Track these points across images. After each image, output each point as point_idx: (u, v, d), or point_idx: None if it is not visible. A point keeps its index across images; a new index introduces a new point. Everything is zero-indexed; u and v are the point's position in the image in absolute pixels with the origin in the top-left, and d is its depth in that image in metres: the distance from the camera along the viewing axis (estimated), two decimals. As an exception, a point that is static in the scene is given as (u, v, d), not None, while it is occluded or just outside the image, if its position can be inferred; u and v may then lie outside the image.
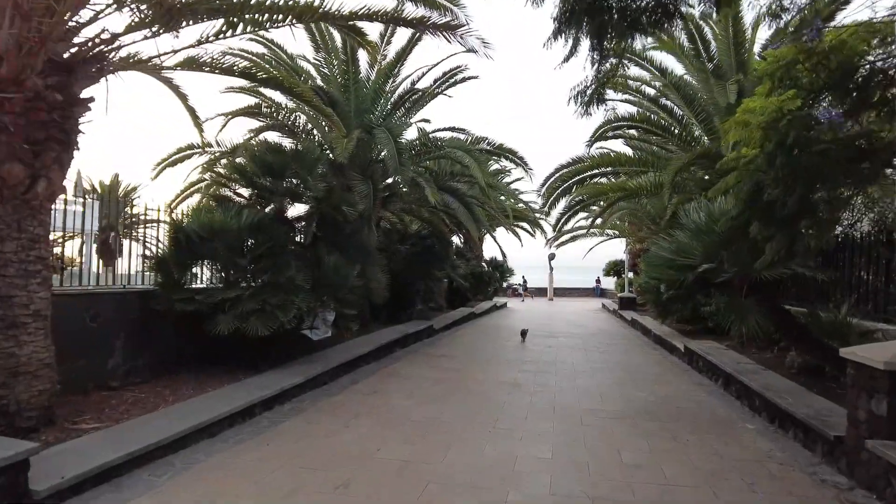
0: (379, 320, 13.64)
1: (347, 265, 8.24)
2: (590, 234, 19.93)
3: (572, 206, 12.46)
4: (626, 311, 21.64)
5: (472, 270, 22.26)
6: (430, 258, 14.20)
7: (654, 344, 13.38)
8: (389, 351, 10.87)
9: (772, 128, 4.01)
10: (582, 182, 10.50)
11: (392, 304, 14.55)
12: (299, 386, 7.25)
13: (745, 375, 7.40)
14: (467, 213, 10.56)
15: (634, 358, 11.28)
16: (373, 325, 12.67)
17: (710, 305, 11.72)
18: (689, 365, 10.19)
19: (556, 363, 10.31)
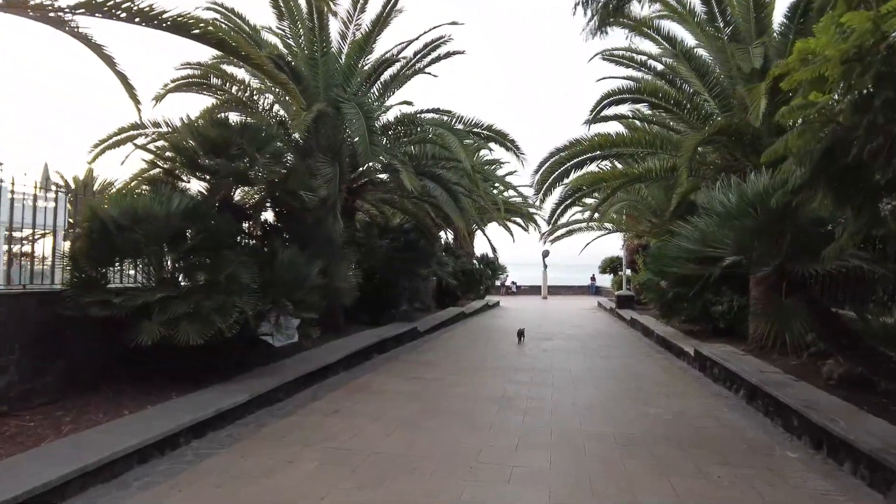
0: (357, 322, 12.42)
1: (308, 261, 6.99)
2: (588, 227, 18.82)
3: (568, 196, 11.28)
4: (625, 309, 20.52)
5: (463, 268, 21.06)
6: (414, 254, 12.98)
7: (658, 347, 12.23)
8: (365, 358, 9.65)
9: (862, 57, 2.82)
10: (580, 166, 9.32)
11: (373, 304, 13.35)
12: (245, 405, 6.02)
13: (776, 388, 6.24)
14: (452, 203, 9.36)
15: (639, 363, 10.11)
16: (349, 328, 11.44)
17: (721, 304, 10.61)
18: (701, 372, 9.04)
19: (552, 370, 9.13)
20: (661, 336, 12.43)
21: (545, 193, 9.92)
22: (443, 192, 9.54)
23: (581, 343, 12.90)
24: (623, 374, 9.03)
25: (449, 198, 9.43)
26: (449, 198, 9.43)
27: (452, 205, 9.37)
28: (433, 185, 9.64)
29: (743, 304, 10.29)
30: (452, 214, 9.38)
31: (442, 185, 9.61)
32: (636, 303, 21.28)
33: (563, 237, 19.68)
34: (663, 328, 13.39)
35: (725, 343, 10.33)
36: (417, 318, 15.07)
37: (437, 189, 9.57)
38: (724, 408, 6.76)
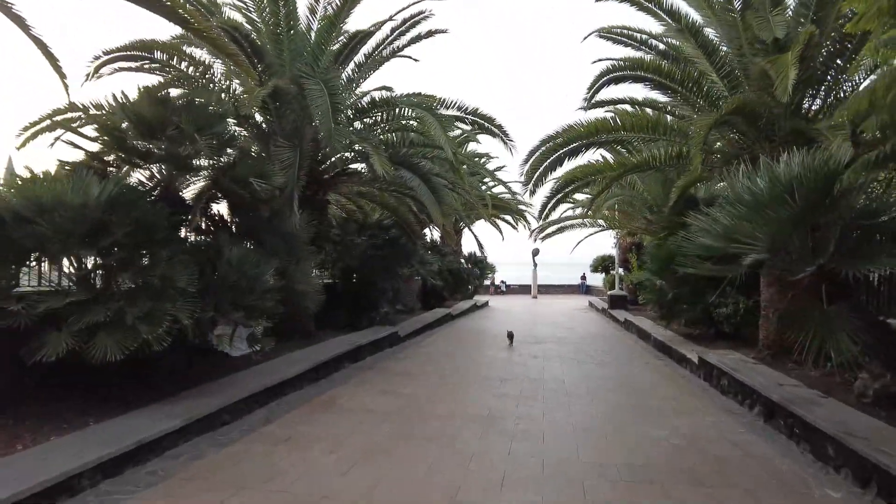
0: (333, 327, 11.44)
1: (261, 261, 6.01)
2: (581, 224, 17.97)
3: (561, 189, 10.38)
4: (617, 310, 19.73)
5: (450, 267, 20.13)
6: (395, 252, 12.02)
7: (656, 352, 11.39)
8: (335, 368, 8.68)
9: None
10: (575, 154, 8.40)
11: (351, 307, 12.39)
12: (178, 432, 5.04)
13: (802, 406, 5.38)
14: (430, 195, 8.41)
15: (638, 372, 9.25)
16: (322, 334, 10.46)
17: (726, 307, 9.78)
18: (707, 382, 8.19)
19: (543, 381, 8.23)
20: (659, 340, 11.60)
21: (536, 184, 8.99)
22: (420, 182, 8.58)
23: (574, 347, 12.03)
24: (622, 384, 8.16)
25: (427, 189, 8.47)
26: (427, 189, 8.47)
27: (431, 197, 8.42)
28: (410, 174, 8.67)
29: (750, 306, 9.47)
30: (431, 208, 8.43)
31: (420, 175, 8.64)
32: (629, 303, 20.52)
33: (554, 234, 18.84)
34: (661, 331, 12.57)
35: (731, 349, 9.49)
36: (400, 320, 14.11)
37: (415, 179, 8.60)
38: (741, 428, 5.89)
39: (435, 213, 8.32)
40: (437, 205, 8.37)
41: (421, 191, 8.46)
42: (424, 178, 8.60)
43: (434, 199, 8.42)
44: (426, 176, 8.73)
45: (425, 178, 8.65)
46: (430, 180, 8.72)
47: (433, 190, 8.51)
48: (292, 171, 6.98)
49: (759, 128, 6.82)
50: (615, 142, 8.12)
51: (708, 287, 10.71)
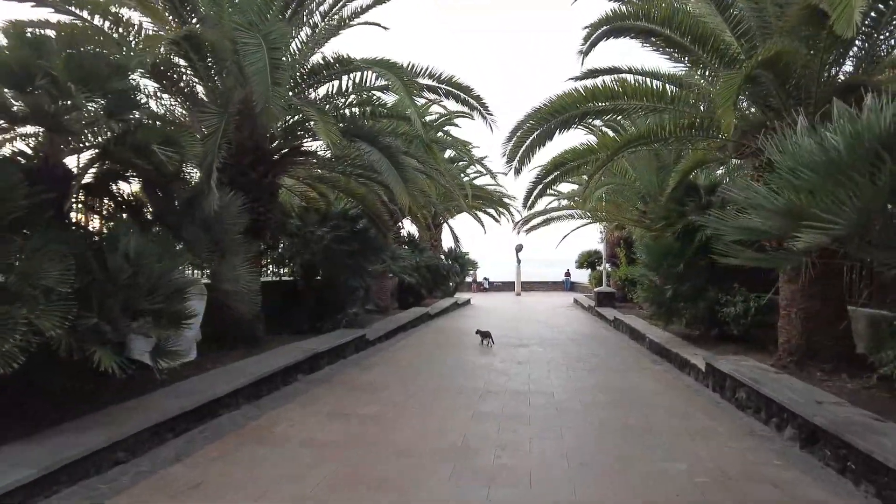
0: (292, 331, 10.10)
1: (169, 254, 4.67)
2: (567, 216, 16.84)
3: (549, 173, 9.17)
4: (605, 307, 18.69)
5: (427, 263, 18.85)
6: (363, 246, 10.71)
7: (653, 355, 10.27)
8: (284, 381, 7.36)
9: None
10: (567, 125, 7.15)
11: (314, 308, 11.05)
12: (35, 483, 3.70)
13: (860, 437, 4.23)
14: (393, 172, 7.07)
15: (637, 380, 8.09)
16: (276, 340, 9.11)
17: (735, 305, 8.66)
18: (717, 393, 7.07)
19: (529, 394, 7.03)
20: (655, 342, 10.49)
21: (521, 161, 7.71)
22: (382, 157, 7.25)
23: (562, 350, 10.86)
24: (621, 397, 6.98)
25: (390, 165, 7.16)
26: (390, 165, 7.16)
27: (395, 175, 7.11)
28: (369, 148, 7.34)
29: (762, 305, 8.37)
30: (395, 187, 7.13)
31: (381, 148, 7.31)
32: (618, 300, 19.50)
33: (540, 227, 17.69)
34: (656, 331, 11.47)
35: (739, 353, 8.41)
36: (371, 322, 12.81)
37: (375, 153, 7.27)
38: (775, 458, 4.74)
39: (400, 194, 7.01)
40: (402, 183, 7.07)
41: (382, 167, 7.14)
42: (387, 153, 7.27)
43: (398, 176, 7.11)
44: (389, 151, 7.41)
45: (388, 152, 7.32)
46: (395, 156, 7.40)
47: (398, 167, 7.20)
48: (214, 140, 5.62)
49: (788, 91, 5.70)
50: (614, 112, 6.92)
51: (710, 283, 9.63)
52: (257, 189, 7.95)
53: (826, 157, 3.04)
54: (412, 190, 7.36)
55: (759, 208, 3.57)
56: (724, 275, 9.65)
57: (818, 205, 3.01)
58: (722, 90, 4.62)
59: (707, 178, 10.58)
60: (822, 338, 6.41)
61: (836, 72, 6.03)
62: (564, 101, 6.85)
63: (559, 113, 6.92)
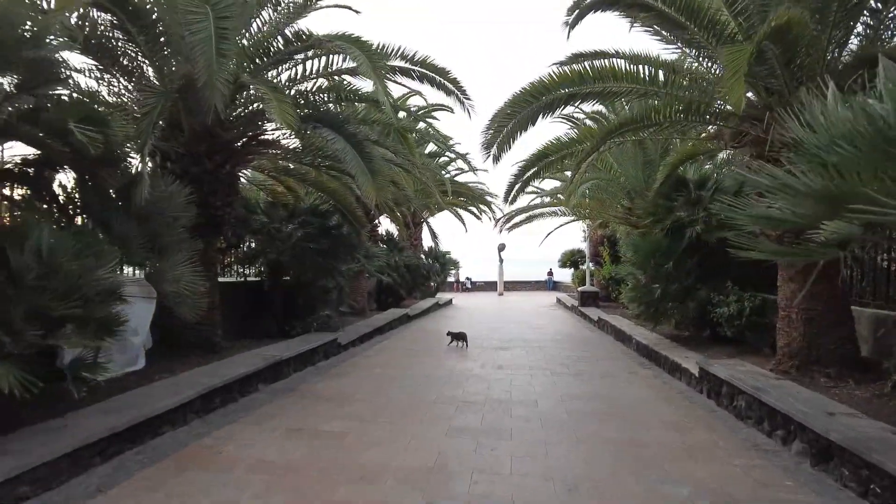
0: (259, 335, 9.40)
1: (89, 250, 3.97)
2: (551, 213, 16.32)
3: (532, 165, 8.58)
4: (589, 307, 18.26)
5: (407, 262, 18.20)
6: (335, 244, 10.01)
7: (641, 358, 9.79)
8: (242, 391, 6.68)
9: None
10: (551, 109, 6.55)
11: (284, 311, 10.35)
12: None
13: (887, 455, 3.72)
14: (359, 161, 6.36)
15: (625, 386, 7.57)
16: (240, 345, 8.40)
17: (728, 306, 8.19)
18: (712, 400, 6.58)
19: (511, 403, 6.44)
20: (642, 343, 10.01)
21: (500, 148, 7.04)
22: (346, 145, 6.56)
23: (545, 354, 10.32)
24: (610, 407, 6.43)
25: (355, 154, 6.46)
26: (355, 154, 6.46)
27: (360, 164, 6.43)
28: (333, 135, 6.64)
29: (757, 305, 7.91)
30: (360, 178, 6.46)
31: (346, 136, 6.61)
32: (601, 299, 19.09)
33: (522, 224, 17.15)
34: (642, 332, 11.01)
35: (733, 356, 7.95)
36: (345, 325, 12.16)
37: (339, 141, 6.56)
38: (786, 479, 4.22)
39: (366, 187, 6.33)
40: (369, 175, 6.40)
41: (347, 156, 6.46)
42: (353, 142, 6.58)
43: (365, 167, 6.44)
44: (355, 139, 6.71)
45: (354, 140, 6.63)
46: (362, 145, 6.71)
47: (364, 157, 6.50)
48: (148, 121, 4.89)
49: (793, 70, 5.21)
50: (602, 96, 6.33)
51: (701, 282, 9.18)
52: (213, 180, 7.23)
53: (873, 128, 2.49)
54: (380, 182, 6.67)
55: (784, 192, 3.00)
56: (715, 273, 9.22)
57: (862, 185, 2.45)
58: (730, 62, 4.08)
59: (696, 172, 10.13)
60: (825, 340, 5.95)
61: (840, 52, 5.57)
62: (548, 82, 6.24)
63: (542, 95, 6.29)
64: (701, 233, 8.95)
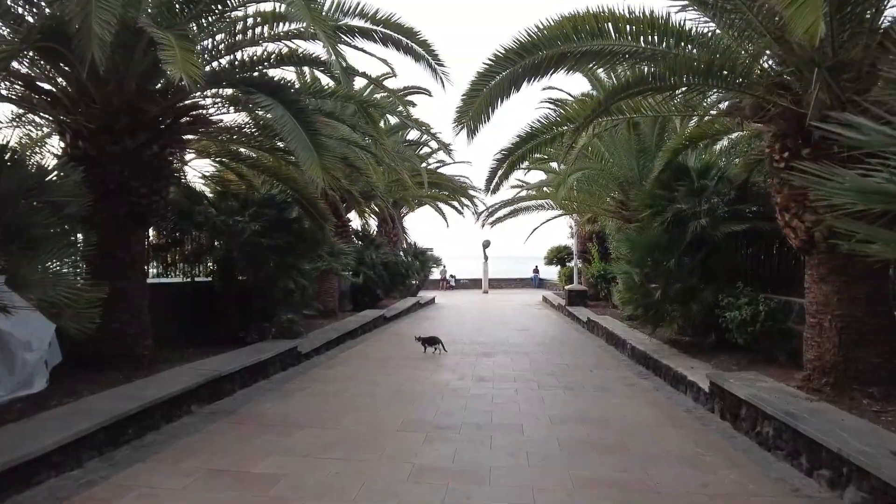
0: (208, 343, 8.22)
1: None
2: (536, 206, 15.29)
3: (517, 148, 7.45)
4: (577, 307, 17.31)
5: (384, 260, 17.05)
6: (293, 239, 8.85)
7: (637, 366, 8.80)
8: (169, 416, 5.52)
9: None
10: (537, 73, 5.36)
11: (237, 315, 9.16)
12: None
13: None
14: (301, 134, 5.10)
15: (625, 404, 6.54)
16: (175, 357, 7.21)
17: (740, 309, 7.20)
18: (729, 422, 5.60)
19: (491, 430, 5.37)
20: (638, 349, 9.03)
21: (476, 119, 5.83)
22: (284, 112, 5.36)
23: (532, 361, 9.28)
24: (608, 431, 5.38)
25: (296, 124, 5.27)
26: (296, 124, 5.27)
27: (302, 138, 5.24)
28: (268, 100, 5.45)
29: (774, 309, 6.94)
30: (302, 156, 5.26)
31: (285, 102, 5.41)
32: (590, 298, 18.16)
33: (507, 218, 16.11)
34: (637, 336, 10.04)
35: (744, 367, 7.00)
36: (312, 329, 10.99)
37: (277, 108, 5.34)
38: (849, 546, 3.19)
39: (308, 163, 5.11)
40: (313, 150, 5.21)
41: (286, 127, 5.26)
42: (293, 108, 5.39)
43: (308, 141, 5.25)
44: (297, 106, 5.51)
45: (295, 108, 5.43)
46: (306, 115, 5.51)
47: (308, 130, 5.32)
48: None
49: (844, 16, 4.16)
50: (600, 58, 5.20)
51: (705, 282, 8.20)
52: (137, 162, 6.03)
53: None
54: (328, 160, 5.46)
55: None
56: (722, 272, 8.26)
57: None
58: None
59: (698, 159, 9.15)
60: (866, 353, 4.98)
61: None
62: (536, 38, 5.08)
63: (528, 54, 5.16)
64: (706, 226, 7.97)
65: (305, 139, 5.27)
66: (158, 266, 8.34)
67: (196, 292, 9.07)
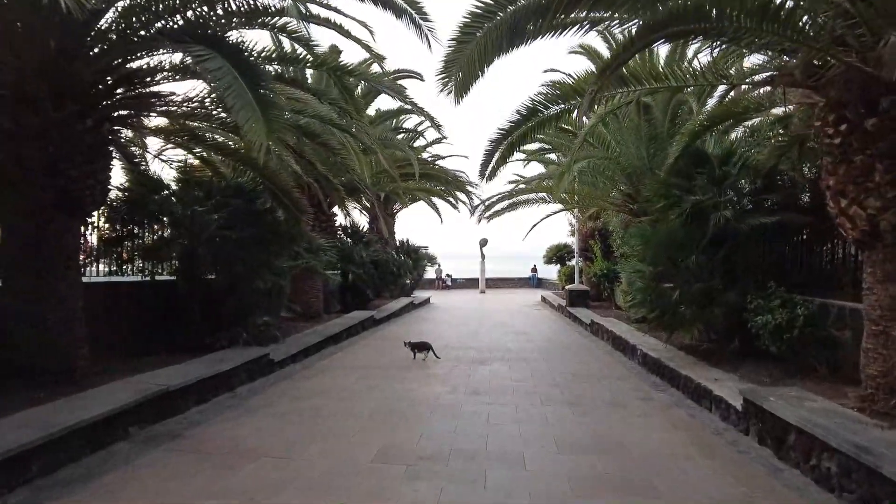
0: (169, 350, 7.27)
1: None
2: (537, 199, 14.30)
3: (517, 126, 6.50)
4: (578, 307, 16.39)
5: (374, 258, 16.07)
6: (265, 233, 7.88)
7: (650, 375, 7.86)
8: (97, 443, 4.56)
9: None
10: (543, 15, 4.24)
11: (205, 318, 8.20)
12: None
13: None
14: (242, 90, 4.00)
15: (641, 425, 5.58)
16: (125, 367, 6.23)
17: (772, 313, 6.25)
18: (769, 447, 4.67)
19: (486, 461, 4.41)
20: (650, 357, 8.10)
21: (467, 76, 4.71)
22: (223, 63, 4.33)
23: (533, 370, 8.33)
24: (628, 464, 4.43)
25: (235, 77, 4.24)
26: (235, 77, 4.24)
27: (242, 90, 4.16)
28: (207, 52, 4.40)
29: (813, 313, 6.00)
30: (242, 112, 4.19)
31: (226, 53, 4.39)
32: (592, 299, 17.22)
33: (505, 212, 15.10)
34: (648, 341, 9.12)
35: (780, 378, 6.08)
36: (291, 333, 10.03)
37: (215, 59, 4.27)
38: None
39: (250, 122, 4.05)
40: (256, 107, 4.18)
41: (224, 79, 4.18)
42: (234, 59, 4.36)
43: (250, 96, 4.23)
44: (238, 58, 4.48)
45: (236, 59, 4.41)
46: (250, 67, 4.47)
47: (252, 84, 4.31)
48: None
49: None
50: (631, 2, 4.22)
51: (730, 281, 7.27)
52: (64, 139, 5.04)
53: None
54: (275, 122, 4.39)
55: None
56: (748, 270, 7.32)
57: None
58: None
59: (717, 145, 8.21)
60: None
61: None
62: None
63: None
64: (730, 219, 7.03)
65: (247, 94, 4.26)
66: (111, 263, 7.36)
67: (157, 293, 8.08)
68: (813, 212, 7.33)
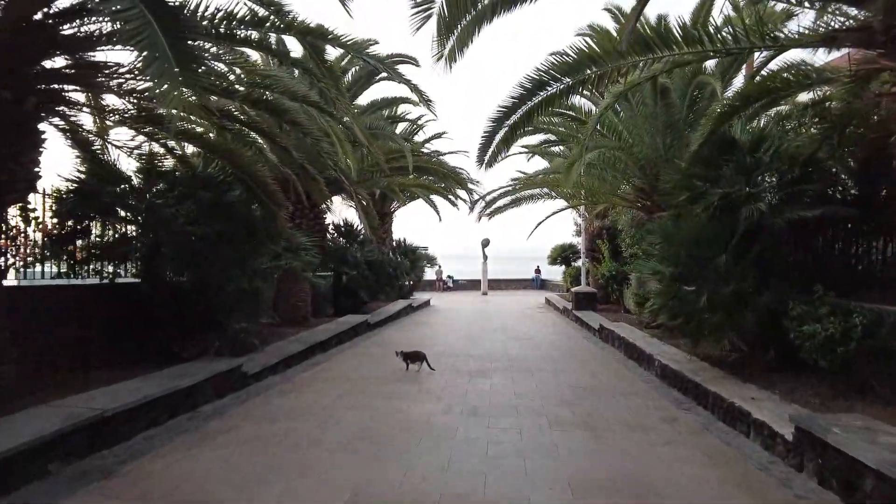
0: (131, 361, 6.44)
1: None
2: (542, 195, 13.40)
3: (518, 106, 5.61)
4: (585, 310, 15.46)
5: (368, 258, 15.20)
6: (239, 229, 7.00)
7: (671, 390, 6.96)
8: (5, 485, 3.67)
9: None
10: None
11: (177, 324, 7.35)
12: None
13: None
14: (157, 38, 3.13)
15: (668, 456, 4.67)
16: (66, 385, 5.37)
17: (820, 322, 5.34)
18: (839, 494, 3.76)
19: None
20: (671, 369, 7.20)
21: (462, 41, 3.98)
22: (135, 3, 3.51)
23: (539, 383, 7.44)
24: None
25: (149, 20, 3.24)
26: (149, 20, 3.24)
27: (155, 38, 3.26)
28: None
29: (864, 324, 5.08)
30: (154, 65, 3.31)
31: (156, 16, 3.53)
32: (599, 302, 16.30)
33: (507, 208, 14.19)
34: (666, 350, 8.22)
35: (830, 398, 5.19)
36: (274, 340, 9.17)
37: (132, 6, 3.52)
38: None
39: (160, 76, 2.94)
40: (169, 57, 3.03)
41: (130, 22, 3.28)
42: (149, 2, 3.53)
43: (164, 43, 3.23)
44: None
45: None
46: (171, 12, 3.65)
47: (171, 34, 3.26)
48: None
49: None
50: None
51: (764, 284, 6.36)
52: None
53: None
54: (189, 75, 3.42)
55: None
56: (787, 271, 6.42)
57: None
58: None
59: (745, 131, 7.31)
60: None
61: None
62: None
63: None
64: (765, 212, 6.13)
65: (161, 41, 3.35)
66: (60, 263, 6.50)
67: (118, 297, 7.21)
68: (858, 204, 6.46)
